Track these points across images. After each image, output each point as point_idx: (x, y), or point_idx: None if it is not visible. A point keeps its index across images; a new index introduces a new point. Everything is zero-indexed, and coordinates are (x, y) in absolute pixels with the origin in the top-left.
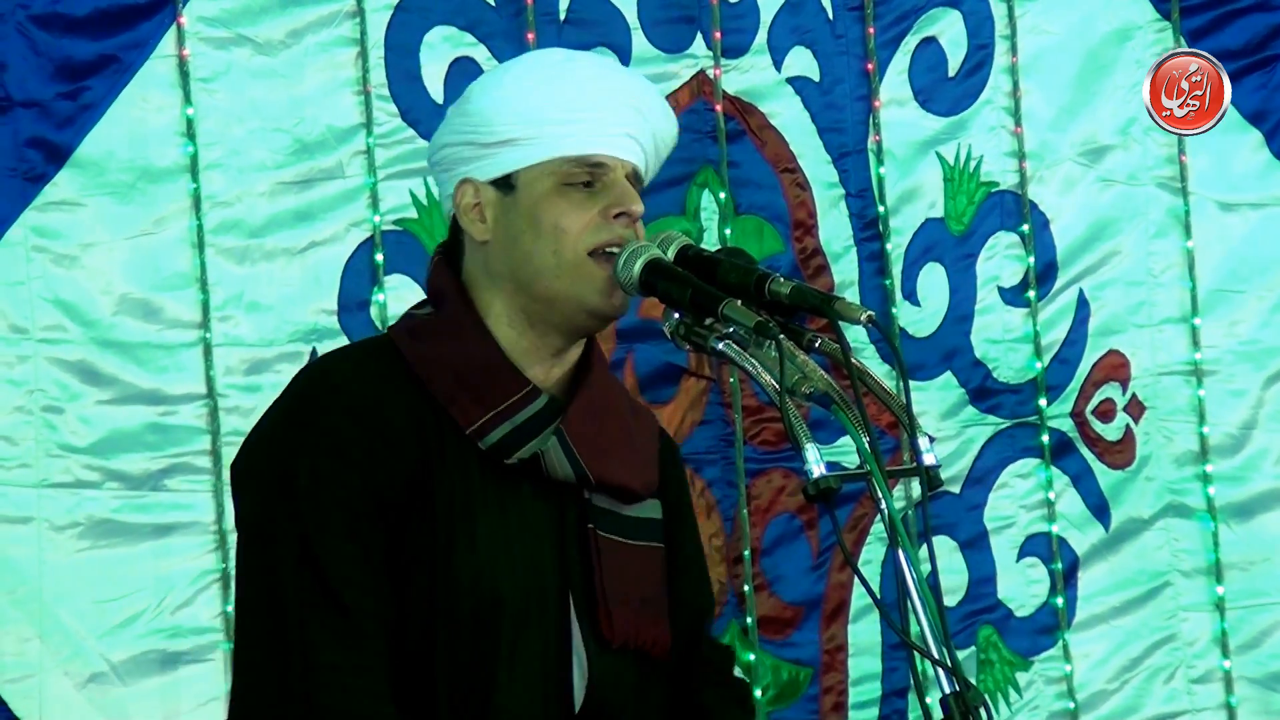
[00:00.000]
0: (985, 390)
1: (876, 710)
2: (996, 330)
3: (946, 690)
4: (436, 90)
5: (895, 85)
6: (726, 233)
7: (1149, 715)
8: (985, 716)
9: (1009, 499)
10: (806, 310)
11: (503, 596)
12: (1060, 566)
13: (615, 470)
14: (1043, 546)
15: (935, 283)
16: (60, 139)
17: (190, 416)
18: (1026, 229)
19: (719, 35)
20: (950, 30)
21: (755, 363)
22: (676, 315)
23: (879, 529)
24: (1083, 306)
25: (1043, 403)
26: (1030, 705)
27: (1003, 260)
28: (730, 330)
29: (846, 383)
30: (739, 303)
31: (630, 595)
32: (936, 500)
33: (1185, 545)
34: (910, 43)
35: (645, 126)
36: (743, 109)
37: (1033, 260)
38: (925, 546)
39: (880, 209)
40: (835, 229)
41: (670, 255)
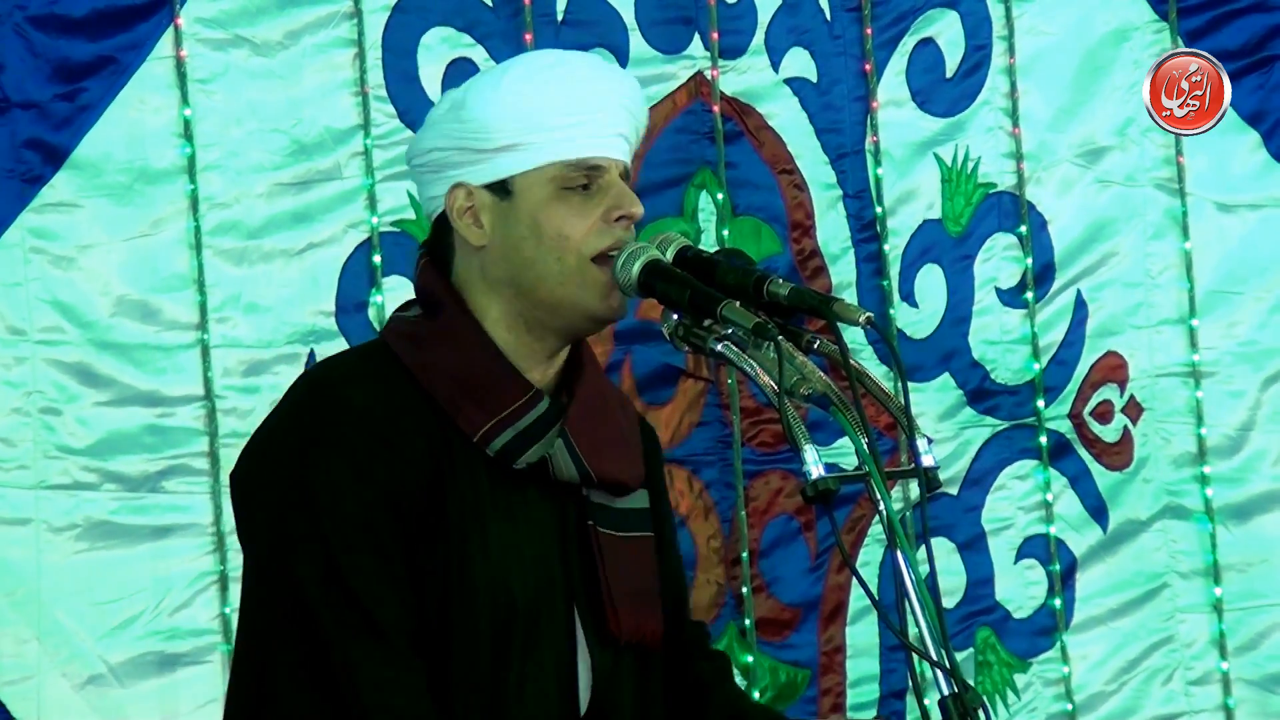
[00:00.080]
0: (983, 392)
1: (875, 712)
2: (994, 331)
3: (945, 692)
4: (434, 91)
5: (893, 86)
6: (724, 234)
7: (1147, 717)
8: (983, 718)
9: (1007, 500)
10: (805, 311)
11: (517, 603)
12: (1058, 568)
13: (612, 466)
14: (1041, 548)
15: (933, 284)
16: (58, 140)
17: (188, 418)
18: (1024, 230)
19: (716, 36)
20: (948, 31)
21: (754, 364)
22: (675, 317)
23: (877, 530)
24: (1080, 308)
25: (1040, 404)
26: (1028, 707)
27: (1000, 261)
28: (729, 331)
29: (845, 384)
30: (737, 304)
31: (631, 590)
32: (935, 502)
33: (1183, 547)
34: (908, 44)
35: (632, 123)
36: (740, 110)
37: (1030, 261)
38: (924, 548)
39: (878, 210)
40: (833, 230)
41: (668, 256)
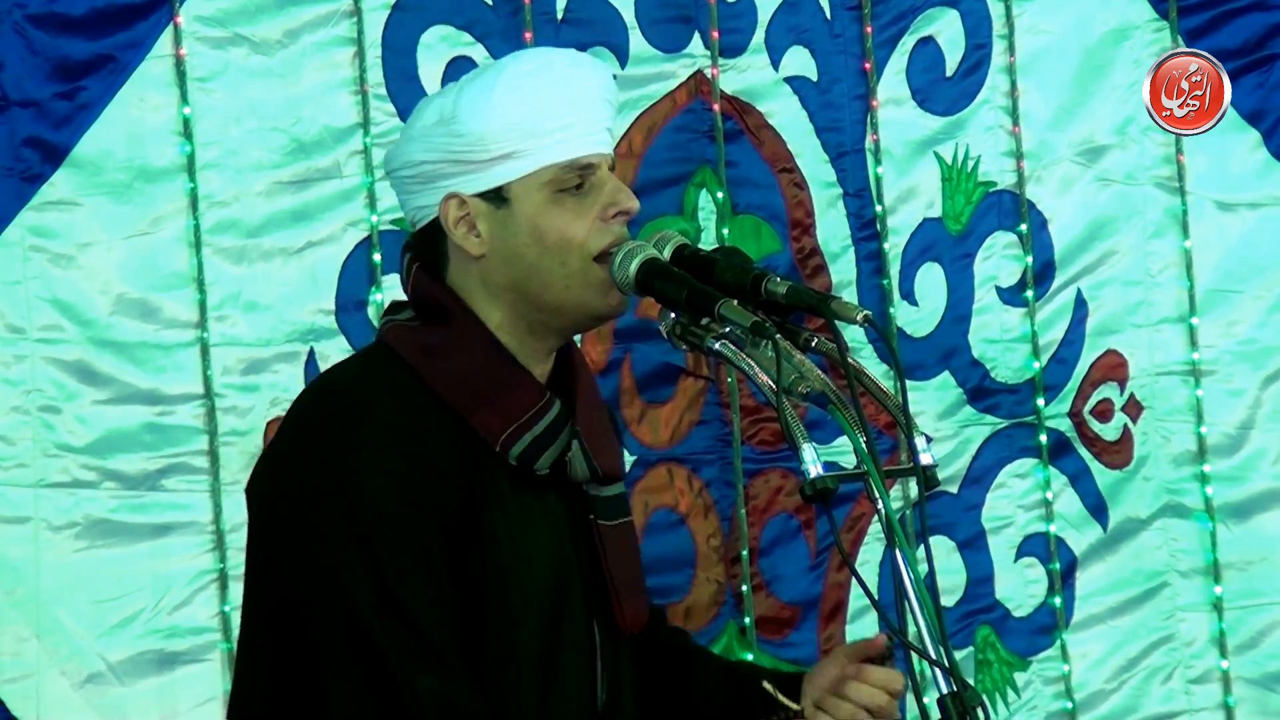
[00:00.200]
0: (983, 390)
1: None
2: (994, 330)
3: (944, 690)
4: (434, 90)
5: (893, 85)
6: (724, 232)
7: (1147, 715)
8: (983, 717)
9: (1007, 499)
10: (803, 310)
11: (548, 608)
12: (1058, 566)
13: (609, 459)
14: (1040, 546)
15: (933, 282)
16: (57, 139)
17: (187, 416)
18: (1024, 229)
19: (716, 35)
20: (948, 30)
21: (752, 363)
22: (673, 315)
23: (877, 529)
24: (1080, 306)
25: (1040, 402)
26: (1028, 705)
27: (1000, 260)
28: (727, 330)
29: (844, 382)
30: (735, 302)
31: (627, 580)
32: (934, 500)
33: (1183, 545)
34: (908, 42)
35: (613, 114)
36: (740, 108)
37: (1030, 260)
38: (923, 547)
39: (878, 208)
40: (833, 229)
41: (666, 255)
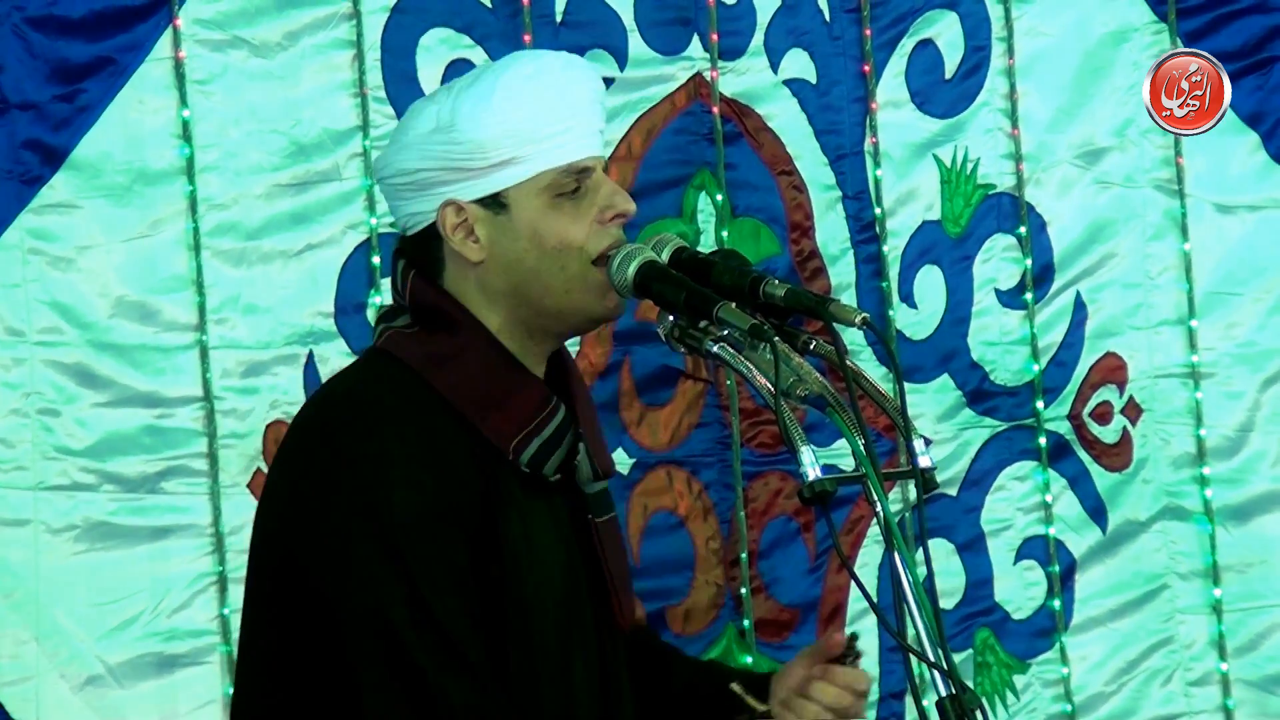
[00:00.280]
0: (982, 393)
1: (874, 713)
2: (993, 333)
3: (943, 693)
4: None
5: (892, 87)
6: (723, 235)
7: (1146, 718)
8: (981, 719)
9: (1006, 501)
10: (801, 312)
11: (563, 613)
12: (1057, 569)
13: (603, 457)
14: (1040, 549)
15: (932, 285)
16: (56, 141)
17: (187, 419)
18: (1023, 231)
19: (716, 37)
20: (947, 32)
21: (750, 365)
22: (671, 318)
23: (876, 531)
24: (1080, 309)
25: (1040, 405)
26: (1027, 708)
27: (1000, 262)
28: (725, 333)
29: (842, 385)
30: (734, 305)
31: (621, 575)
32: (933, 503)
33: (1182, 548)
34: (907, 45)
35: (604, 114)
36: (740, 111)
37: (1030, 262)
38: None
39: (877, 211)
40: (832, 231)
41: (665, 257)
